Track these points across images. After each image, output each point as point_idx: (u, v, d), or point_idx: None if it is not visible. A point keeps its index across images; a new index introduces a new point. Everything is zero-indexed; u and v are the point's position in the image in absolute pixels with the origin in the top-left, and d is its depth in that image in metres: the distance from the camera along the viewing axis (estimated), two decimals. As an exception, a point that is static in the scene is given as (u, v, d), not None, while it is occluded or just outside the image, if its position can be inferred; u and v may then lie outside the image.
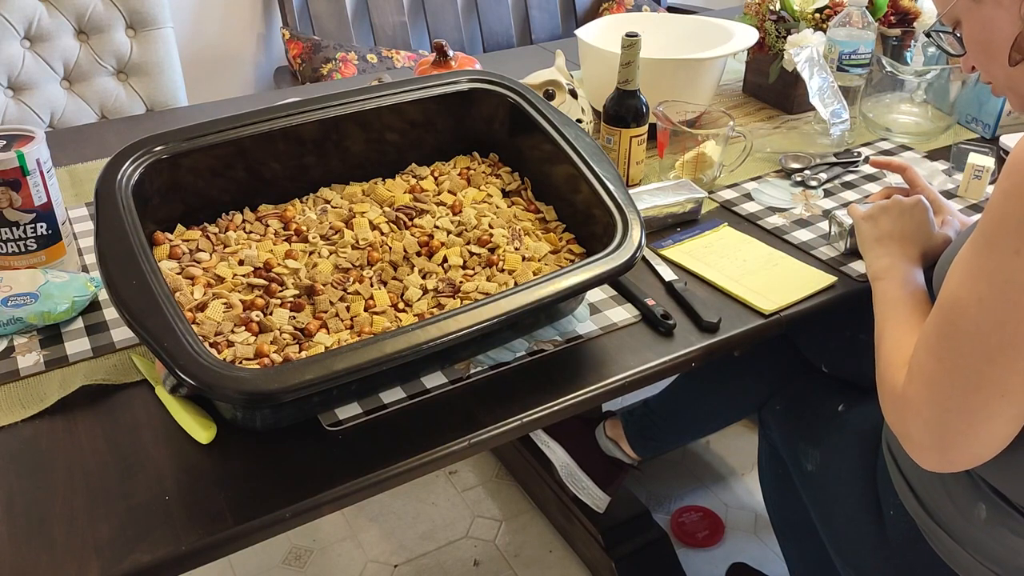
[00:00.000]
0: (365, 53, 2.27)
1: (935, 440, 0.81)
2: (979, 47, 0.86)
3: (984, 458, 0.80)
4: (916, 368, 0.82)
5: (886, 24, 1.56)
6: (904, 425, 0.84)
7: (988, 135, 1.47)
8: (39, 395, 0.88)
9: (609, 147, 1.26)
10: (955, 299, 0.77)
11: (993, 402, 0.76)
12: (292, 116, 0.99)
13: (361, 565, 1.68)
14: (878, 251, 1.01)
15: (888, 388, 0.86)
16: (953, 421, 0.79)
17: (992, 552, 0.91)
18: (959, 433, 0.79)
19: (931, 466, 0.84)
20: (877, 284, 0.97)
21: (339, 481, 0.79)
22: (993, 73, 0.87)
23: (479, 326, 0.81)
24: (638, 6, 2.64)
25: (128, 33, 1.89)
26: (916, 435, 0.82)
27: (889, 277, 0.96)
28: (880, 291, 0.96)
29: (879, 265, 0.99)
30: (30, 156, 0.99)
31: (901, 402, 0.83)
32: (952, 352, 0.78)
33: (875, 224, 1.03)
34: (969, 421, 0.78)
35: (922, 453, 0.83)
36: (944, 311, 0.79)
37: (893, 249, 0.99)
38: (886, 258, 0.99)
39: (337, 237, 0.98)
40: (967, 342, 0.76)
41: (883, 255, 0.99)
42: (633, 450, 1.53)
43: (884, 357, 0.89)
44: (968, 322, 0.76)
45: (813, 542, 1.23)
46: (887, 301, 0.94)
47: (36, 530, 0.74)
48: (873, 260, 1.00)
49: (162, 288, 0.78)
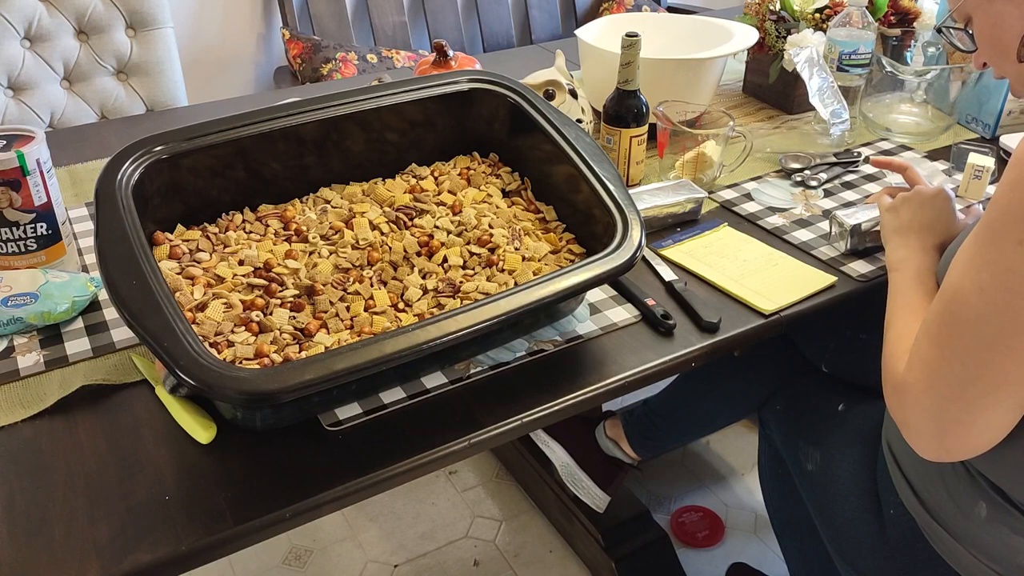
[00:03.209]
0: (365, 53, 2.27)
1: (933, 428, 0.81)
2: (990, 43, 0.86)
3: (982, 448, 0.81)
4: (916, 356, 0.82)
5: (886, 24, 1.56)
6: (903, 412, 0.84)
7: (988, 135, 1.47)
8: (39, 395, 0.88)
9: (609, 147, 1.26)
10: (957, 288, 0.78)
11: (991, 391, 0.77)
12: (292, 116, 0.99)
13: (361, 565, 1.68)
14: (897, 242, 1.01)
15: (890, 375, 0.87)
16: (951, 409, 0.79)
17: (992, 550, 0.91)
18: (957, 422, 0.79)
19: (929, 455, 0.84)
20: (892, 275, 0.98)
21: (339, 481, 0.79)
22: (1005, 69, 0.87)
23: (479, 326, 0.81)
24: (638, 6, 2.64)
25: (128, 33, 1.89)
26: (915, 423, 0.83)
27: (903, 268, 0.97)
28: (893, 282, 0.97)
29: (896, 256, 0.99)
30: (30, 156, 1.00)
31: (901, 388, 0.84)
32: (952, 340, 0.78)
33: (896, 215, 1.04)
34: (967, 410, 0.78)
35: (920, 441, 0.84)
36: (946, 299, 0.79)
37: (911, 240, 1.00)
38: (902, 249, 0.99)
39: (337, 237, 0.98)
40: (967, 331, 0.77)
41: (901, 246, 1.00)
42: (633, 450, 1.53)
43: (890, 346, 0.90)
44: (969, 311, 0.76)
45: (813, 542, 1.23)
46: (897, 292, 0.95)
47: (36, 530, 0.74)
48: (891, 251, 1.01)
49: (162, 288, 0.78)
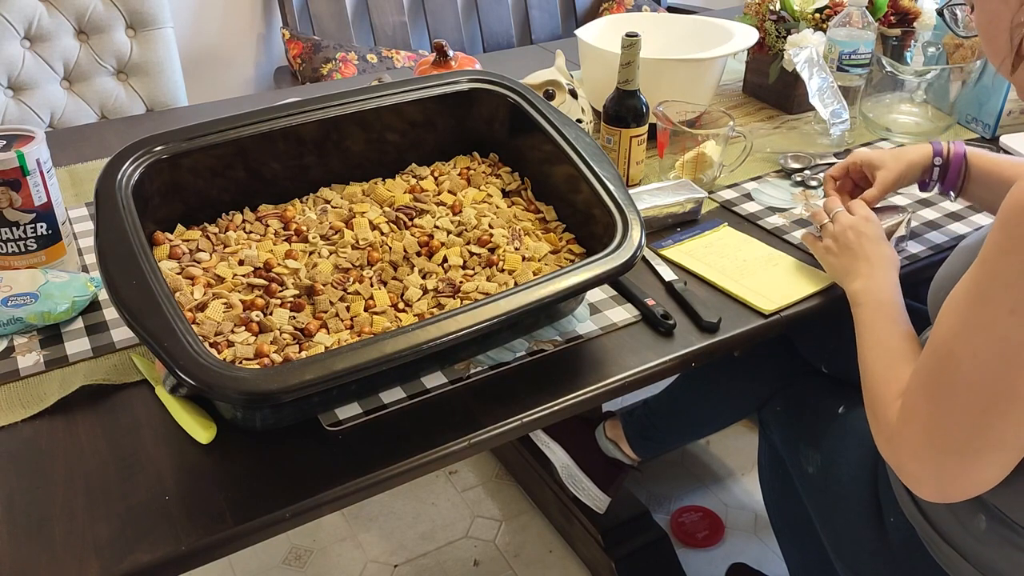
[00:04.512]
0: (365, 53, 2.27)
1: (931, 478, 0.82)
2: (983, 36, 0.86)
3: (981, 491, 0.81)
4: (911, 409, 0.82)
5: (886, 24, 1.56)
6: (899, 460, 0.84)
7: (988, 135, 1.47)
8: (39, 395, 0.88)
9: (609, 147, 1.26)
10: (949, 349, 0.78)
11: (989, 450, 0.77)
12: (292, 116, 0.99)
13: (361, 565, 1.68)
14: (849, 277, 1.01)
15: (882, 424, 0.86)
16: (949, 463, 0.79)
17: (991, 564, 0.91)
18: (955, 474, 0.80)
19: (928, 498, 0.85)
20: (856, 311, 0.98)
21: (339, 481, 0.79)
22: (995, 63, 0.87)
23: (479, 326, 0.81)
24: (638, 6, 2.64)
25: (128, 33, 1.89)
26: (912, 471, 0.83)
27: (865, 301, 0.97)
28: (859, 317, 0.97)
29: (854, 288, 1.00)
30: (30, 156, 0.99)
31: (896, 439, 0.84)
32: (948, 400, 0.78)
33: (836, 256, 1.05)
34: (965, 465, 0.79)
35: (918, 487, 0.84)
36: (939, 357, 0.79)
37: (861, 269, 1.00)
38: (858, 280, 1.00)
39: (337, 237, 0.98)
40: (963, 393, 0.77)
41: (854, 278, 1.00)
42: (633, 450, 1.53)
43: (874, 390, 0.89)
44: (962, 375, 0.76)
45: (813, 543, 1.23)
46: (865, 327, 0.95)
47: (36, 530, 0.74)
48: (848, 286, 1.01)
49: (162, 288, 0.78)
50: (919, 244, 1.18)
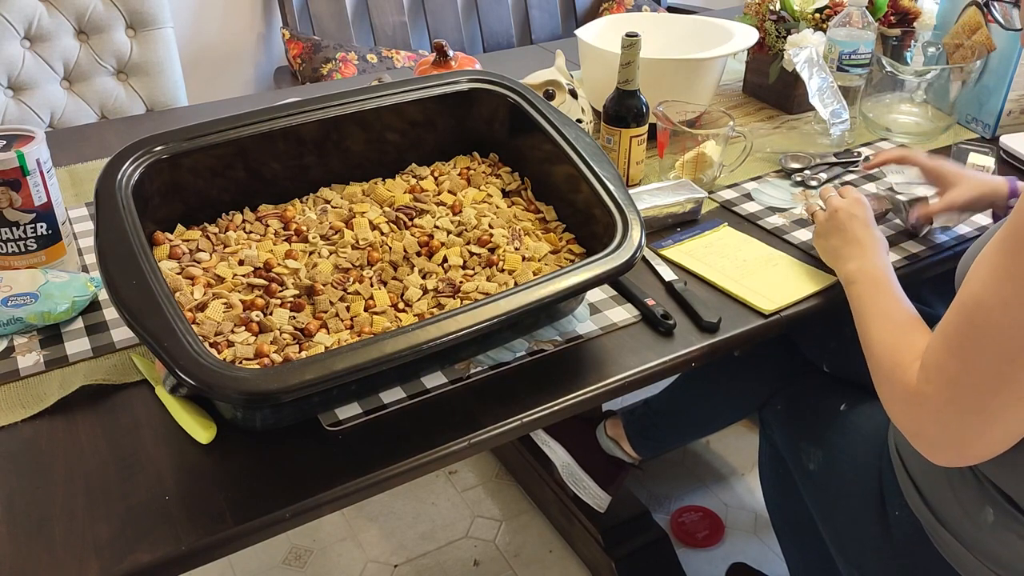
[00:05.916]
0: (365, 53, 2.27)
1: (952, 438, 0.81)
2: None
3: (997, 452, 0.81)
4: (935, 368, 0.82)
5: (886, 24, 1.56)
6: (918, 423, 0.84)
7: (988, 135, 1.47)
8: (39, 395, 0.88)
9: (609, 147, 1.26)
10: (978, 300, 0.78)
11: (1013, 404, 0.77)
12: (292, 116, 0.99)
13: (361, 565, 1.68)
14: (841, 260, 1.03)
15: (899, 389, 0.86)
16: (972, 421, 0.79)
17: (998, 556, 0.91)
18: (976, 433, 0.80)
19: (944, 462, 0.85)
20: (852, 288, 0.99)
21: (339, 481, 0.79)
22: None
23: (479, 326, 0.81)
24: (638, 6, 2.64)
25: (128, 33, 1.89)
26: (932, 433, 0.83)
27: (860, 279, 0.98)
28: (855, 295, 0.98)
29: (848, 269, 1.01)
30: (30, 156, 1.00)
31: (916, 400, 0.83)
32: (974, 353, 0.78)
33: (826, 239, 1.07)
34: (987, 420, 0.79)
35: (935, 451, 0.84)
36: (967, 311, 0.79)
37: (853, 251, 1.02)
38: (851, 262, 1.01)
39: (337, 237, 0.98)
40: (989, 344, 0.77)
41: (847, 260, 1.02)
42: (634, 449, 1.53)
43: (886, 357, 0.89)
44: (991, 324, 0.76)
45: (814, 542, 1.23)
46: (864, 302, 0.96)
47: (36, 530, 0.74)
48: (841, 268, 1.03)
49: (162, 288, 0.78)
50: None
